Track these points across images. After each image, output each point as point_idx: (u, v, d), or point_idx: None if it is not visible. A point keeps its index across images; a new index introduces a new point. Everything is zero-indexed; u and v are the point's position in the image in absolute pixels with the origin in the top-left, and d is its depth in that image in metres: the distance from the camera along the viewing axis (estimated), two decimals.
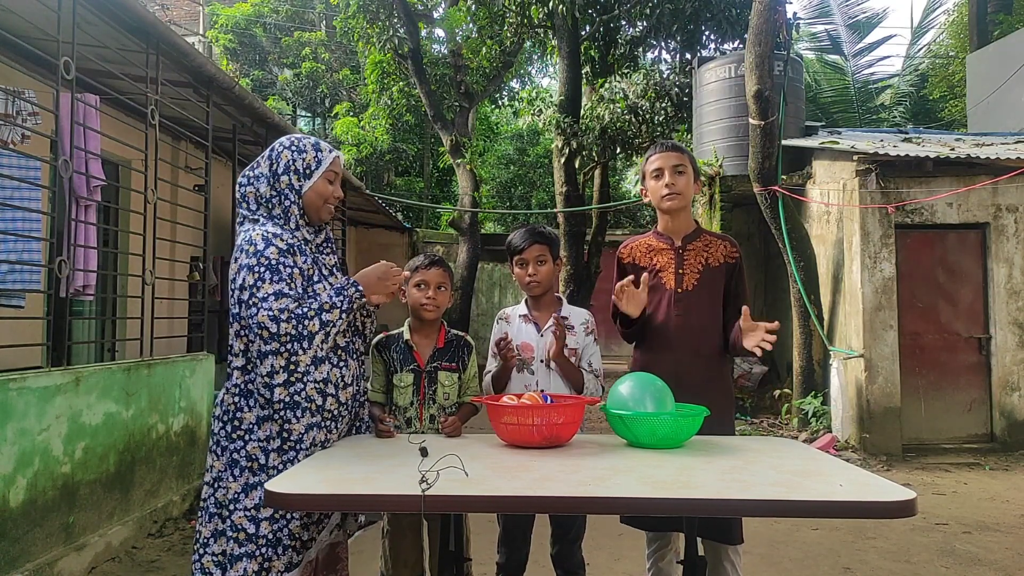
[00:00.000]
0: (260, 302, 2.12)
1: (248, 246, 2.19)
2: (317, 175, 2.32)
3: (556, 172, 12.79)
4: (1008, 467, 6.77)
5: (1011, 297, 7.38)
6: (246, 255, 2.18)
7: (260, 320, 2.11)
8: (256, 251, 2.17)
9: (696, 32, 12.48)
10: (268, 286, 2.14)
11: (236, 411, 2.20)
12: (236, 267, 2.20)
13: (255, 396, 2.18)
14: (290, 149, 2.32)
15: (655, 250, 2.77)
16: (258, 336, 2.12)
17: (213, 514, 2.21)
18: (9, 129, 4.55)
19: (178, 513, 4.92)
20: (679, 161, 2.69)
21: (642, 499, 1.76)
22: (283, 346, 2.12)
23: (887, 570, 4.10)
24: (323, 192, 2.34)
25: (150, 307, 4.81)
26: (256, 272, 2.15)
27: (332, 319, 2.20)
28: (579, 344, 2.83)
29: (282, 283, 2.16)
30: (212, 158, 5.70)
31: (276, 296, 2.14)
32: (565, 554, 2.75)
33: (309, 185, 2.31)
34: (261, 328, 2.11)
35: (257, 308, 2.12)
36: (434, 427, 2.65)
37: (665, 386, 2.35)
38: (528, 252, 2.81)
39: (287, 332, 2.12)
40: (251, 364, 2.19)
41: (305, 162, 2.31)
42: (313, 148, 2.34)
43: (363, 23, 12.95)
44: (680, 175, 2.68)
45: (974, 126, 12.04)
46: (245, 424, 2.18)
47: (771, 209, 7.90)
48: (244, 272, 2.16)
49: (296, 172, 2.30)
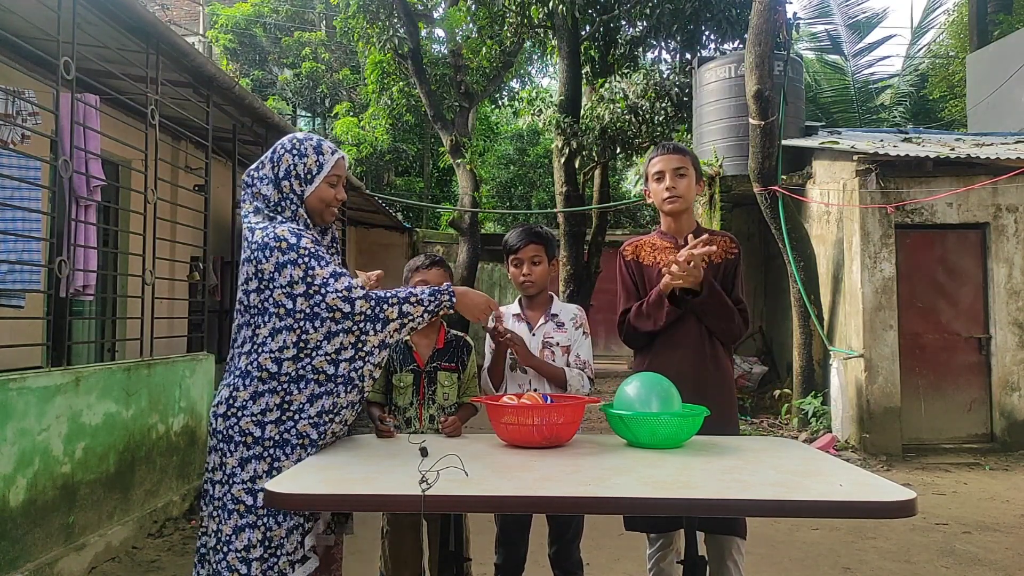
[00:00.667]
0: (321, 287, 2.12)
1: (278, 243, 2.15)
2: (318, 180, 2.29)
3: (556, 172, 12.79)
4: (1008, 467, 6.77)
5: (1011, 297, 7.38)
6: (280, 252, 2.14)
7: (331, 303, 2.12)
8: (291, 245, 2.14)
9: (696, 32, 12.48)
10: (321, 271, 2.14)
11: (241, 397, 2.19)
12: (272, 265, 2.14)
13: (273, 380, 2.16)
14: (291, 152, 2.28)
15: (659, 249, 2.78)
16: (329, 319, 2.12)
17: (232, 510, 2.18)
18: (9, 129, 4.55)
19: (178, 513, 4.92)
20: (680, 164, 2.70)
21: (642, 499, 1.76)
22: (356, 325, 2.14)
23: (887, 570, 4.10)
24: (325, 197, 2.31)
25: (150, 307, 4.81)
26: (301, 263, 2.13)
27: (413, 313, 2.21)
28: (568, 340, 2.83)
29: (330, 265, 2.17)
30: (212, 158, 5.70)
31: (335, 276, 2.15)
32: (563, 554, 2.74)
33: (310, 191, 2.28)
34: (333, 311, 2.12)
35: (321, 295, 2.12)
36: (434, 427, 2.65)
37: (672, 385, 2.35)
38: (523, 252, 2.82)
39: (362, 311, 2.14)
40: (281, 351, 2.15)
41: (306, 167, 2.27)
42: (314, 151, 2.30)
43: (363, 23, 12.95)
44: (681, 178, 2.69)
45: (974, 126, 12.04)
46: (250, 407, 2.17)
47: (771, 209, 7.90)
48: (289, 268, 2.13)
49: (297, 177, 2.27)
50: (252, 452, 2.16)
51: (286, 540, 2.13)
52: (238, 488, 2.16)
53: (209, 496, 2.22)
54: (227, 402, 2.19)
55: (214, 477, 2.21)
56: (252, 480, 2.15)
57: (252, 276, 2.18)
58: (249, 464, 2.16)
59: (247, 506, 2.14)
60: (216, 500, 2.20)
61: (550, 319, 2.84)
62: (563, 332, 2.83)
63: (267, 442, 2.16)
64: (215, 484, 2.21)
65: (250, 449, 2.16)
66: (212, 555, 2.20)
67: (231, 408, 2.18)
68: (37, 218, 4.54)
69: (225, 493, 2.17)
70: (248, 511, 2.14)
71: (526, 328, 2.85)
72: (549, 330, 2.83)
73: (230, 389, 2.20)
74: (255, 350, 2.18)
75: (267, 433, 2.16)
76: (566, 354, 2.82)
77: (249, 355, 2.19)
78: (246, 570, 2.12)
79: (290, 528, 2.14)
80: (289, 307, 2.14)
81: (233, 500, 2.15)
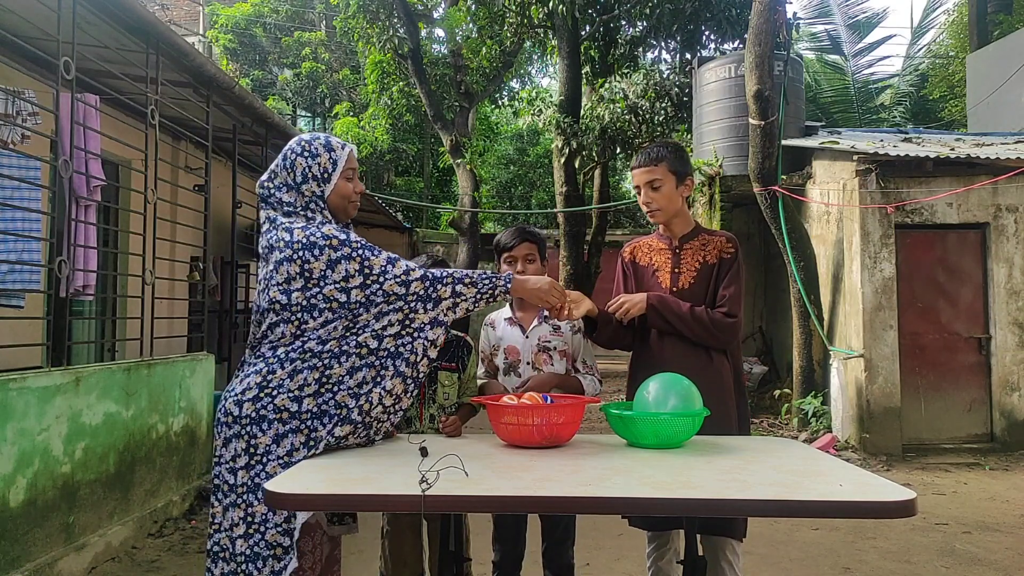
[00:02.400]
0: (380, 276, 2.17)
1: (327, 240, 2.16)
2: (335, 177, 2.30)
3: (556, 172, 12.80)
4: (1008, 467, 6.77)
5: (1011, 297, 7.38)
6: (332, 249, 2.16)
7: (388, 289, 2.16)
8: (342, 241, 2.18)
9: (696, 32, 12.49)
10: (376, 259, 2.18)
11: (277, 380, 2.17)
12: (323, 263, 2.14)
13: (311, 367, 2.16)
14: (303, 155, 2.28)
15: (655, 250, 2.79)
16: (383, 303, 2.17)
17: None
18: (9, 129, 4.55)
19: (178, 513, 4.92)
20: (651, 176, 2.66)
21: (642, 499, 1.76)
22: (407, 304, 2.18)
23: (887, 570, 4.10)
24: (345, 192, 2.33)
25: (150, 307, 4.81)
26: (356, 257, 2.17)
27: (467, 294, 2.24)
28: (568, 344, 2.84)
29: (384, 253, 2.22)
30: (212, 158, 5.71)
31: (391, 262, 2.19)
32: (553, 555, 2.74)
33: (330, 189, 2.30)
34: (389, 295, 2.16)
35: (379, 283, 2.16)
36: (434, 427, 2.65)
37: (692, 384, 2.34)
38: (517, 250, 2.81)
39: (416, 292, 2.18)
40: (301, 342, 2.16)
41: (321, 166, 2.28)
42: (325, 150, 2.30)
43: (363, 23, 12.95)
44: (656, 190, 2.67)
45: (974, 126, 12.04)
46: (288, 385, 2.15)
47: (771, 209, 7.90)
48: (344, 263, 2.15)
49: (315, 178, 2.28)
50: (288, 427, 2.13)
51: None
52: (273, 464, 2.12)
53: (230, 486, 2.16)
54: (259, 385, 2.15)
55: (236, 465, 2.15)
56: (288, 455, 2.13)
57: (296, 275, 2.16)
58: (285, 439, 2.13)
59: None
60: (240, 487, 2.14)
61: (544, 321, 2.84)
62: (560, 336, 2.83)
63: (304, 415, 2.14)
64: (237, 472, 2.14)
65: (286, 424, 2.14)
66: (241, 543, 2.14)
67: (264, 390, 2.14)
68: (37, 218, 4.54)
69: (258, 474, 2.12)
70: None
71: (519, 331, 2.84)
72: (544, 333, 2.83)
73: (262, 374, 2.17)
74: (299, 338, 2.18)
75: (304, 407, 2.14)
76: (565, 358, 2.82)
77: (291, 344, 2.18)
78: (288, 542, 2.11)
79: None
80: (343, 300, 2.16)
81: (268, 477, 2.09)
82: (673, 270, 2.72)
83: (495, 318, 2.95)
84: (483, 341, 2.91)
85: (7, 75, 4.96)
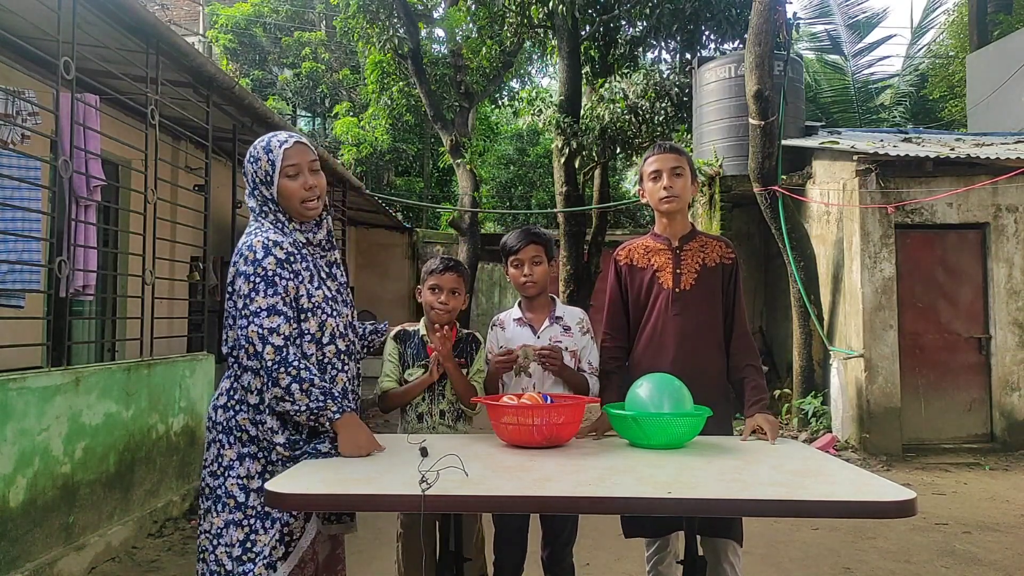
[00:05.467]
0: (252, 316, 2.11)
1: (248, 252, 2.18)
2: (276, 178, 2.23)
3: (556, 172, 12.79)
4: (1008, 467, 6.77)
5: (1011, 297, 7.38)
6: (244, 261, 2.17)
7: (248, 335, 2.10)
8: (254, 259, 2.15)
9: (696, 32, 12.47)
10: (261, 299, 2.12)
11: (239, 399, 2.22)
12: (234, 271, 2.20)
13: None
14: (249, 162, 2.29)
15: (652, 251, 2.78)
16: (243, 349, 2.12)
17: (224, 503, 2.19)
18: (9, 129, 4.55)
19: (178, 513, 4.92)
20: (677, 163, 2.69)
21: (642, 499, 1.76)
22: (263, 369, 2.10)
23: (887, 570, 4.10)
24: (289, 191, 2.23)
25: (150, 307, 4.81)
26: (252, 282, 2.14)
27: (297, 399, 2.08)
28: (577, 344, 2.83)
29: (276, 297, 2.13)
30: (212, 158, 5.70)
31: (268, 312, 2.11)
32: (555, 558, 2.73)
33: (274, 192, 2.25)
34: (248, 343, 2.10)
35: (248, 321, 2.11)
36: (444, 423, 2.69)
37: (683, 386, 2.35)
38: (523, 252, 2.81)
39: (265, 357, 2.09)
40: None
41: (263, 170, 2.25)
42: (265, 152, 2.25)
43: (363, 23, 12.93)
44: (678, 177, 2.69)
45: (974, 126, 12.03)
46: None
47: (771, 209, 7.90)
48: (240, 280, 2.16)
49: (263, 182, 2.26)
50: (247, 450, 2.18)
51: (267, 546, 2.13)
52: (232, 482, 2.17)
53: (210, 489, 2.22)
54: (227, 394, 2.23)
55: (212, 469, 2.22)
56: (247, 478, 2.17)
57: (231, 278, 2.23)
58: (245, 461, 2.18)
59: (237, 502, 2.16)
60: (211, 492, 2.21)
61: (555, 322, 2.83)
62: (570, 336, 2.82)
63: (262, 441, 2.18)
64: (212, 476, 2.22)
65: (245, 447, 2.19)
66: (206, 550, 2.21)
67: (231, 399, 2.22)
68: (37, 218, 4.54)
69: (220, 486, 2.18)
70: (237, 508, 2.16)
71: (530, 332, 2.83)
72: (556, 333, 2.81)
73: (230, 381, 2.24)
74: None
75: (264, 427, 2.18)
76: (574, 359, 2.81)
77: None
78: (230, 567, 2.12)
79: (273, 534, 2.14)
80: (235, 315, 2.18)
81: (227, 493, 2.17)
82: (675, 271, 2.72)
83: (504, 319, 2.93)
84: (490, 342, 2.89)
85: (7, 75, 4.96)
